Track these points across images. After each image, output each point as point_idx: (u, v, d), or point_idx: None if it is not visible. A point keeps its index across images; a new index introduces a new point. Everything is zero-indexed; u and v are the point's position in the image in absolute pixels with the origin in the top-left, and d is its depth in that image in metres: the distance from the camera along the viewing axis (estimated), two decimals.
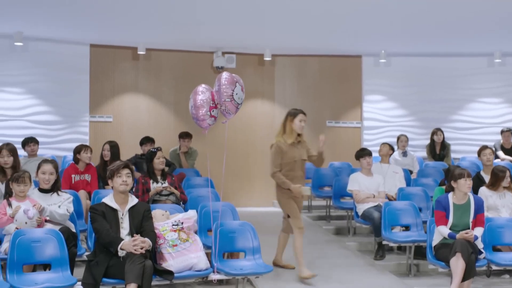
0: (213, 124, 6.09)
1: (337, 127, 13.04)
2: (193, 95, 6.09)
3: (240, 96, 5.99)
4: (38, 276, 5.55)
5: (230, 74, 6.04)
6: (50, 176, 6.35)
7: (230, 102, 5.95)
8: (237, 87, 5.97)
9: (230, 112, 5.99)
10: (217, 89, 5.97)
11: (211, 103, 6.01)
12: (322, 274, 7.18)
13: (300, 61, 12.89)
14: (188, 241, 5.87)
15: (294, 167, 7.22)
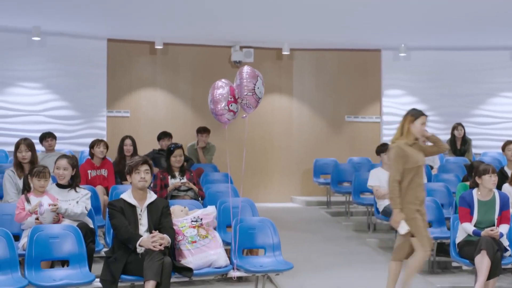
0: (232, 119, 5.99)
1: (356, 122, 12.89)
2: (211, 90, 6.00)
3: (261, 90, 5.89)
4: (56, 273, 5.48)
5: (251, 68, 5.94)
6: (64, 171, 6.27)
7: (252, 96, 5.84)
8: (258, 81, 5.86)
9: (251, 106, 5.88)
10: (238, 83, 5.86)
11: (229, 97, 5.90)
12: (343, 271, 7.09)
13: (319, 55, 12.75)
14: (208, 237, 5.78)
15: (418, 172, 5.98)
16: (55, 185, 6.35)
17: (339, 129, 12.79)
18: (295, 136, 12.66)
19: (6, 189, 6.86)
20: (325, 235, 9.03)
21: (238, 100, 5.89)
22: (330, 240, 8.73)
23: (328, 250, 8.13)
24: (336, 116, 12.76)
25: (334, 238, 8.87)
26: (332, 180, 10.81)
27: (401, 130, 6.09)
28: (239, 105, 5.94)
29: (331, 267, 7.26)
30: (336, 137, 12.77)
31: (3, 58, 10.92)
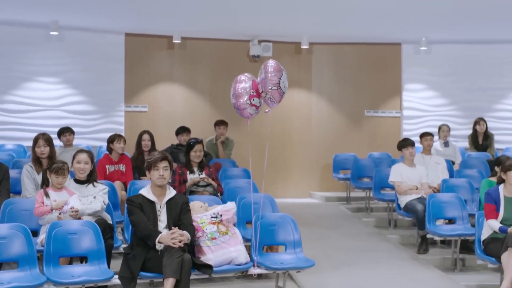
0: (255, 113, 5.86)
1: (376, 117, 12.73)
2: (234, 84, 5.88)
3: (285, 85, 5.77)
4: (75, 269, 5.41)
5: (276, 62, 5.82)
6: (85, 165, 6.23)
7: (276, 91, 5.72)
8: (283, 75, 5.74)
9: (275, 101, 5.76)
10: (263, 76, 5.74)
11: (252, 91, 5.78)
12: (365, 268, 6.96)
13: (338, 49, 12.60)
14: (228, 234, 5.68)
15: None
16: (73, 180, 6.29)
17: (358, 124, 12.64)
18: (314, 131, 12.53)
19: (24, 185, 6.81)
20: (345, 231, 8.90)
21: (262, 95, 5.77)
22: (351, 236, 8.60)
23: (349, 247, 8.01)
24: (356, 110, 12.62)
25: (354, 234, 8.74)
26: (352, 175, 10.68)
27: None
28: (262, 100, 5.82)
29: (352, 264, 7.13)
30: (355, 132, 12.62)
31: (21, 53, 10.90)
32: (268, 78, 5.69)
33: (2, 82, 10.80)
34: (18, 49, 10.87)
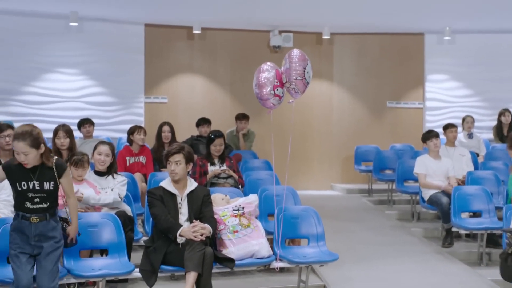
0: (278, 104, 5.75)
1: (398, 108, 12.55)
2: (256, 73, 5.76)
3: (310, 75, 5.64)
4: (95, 262, 5.35)
5: (300, 51, 5.69)
6: (106, 157, 6.18)
7: (301, 81, 5.59)
8: (308, 65, 5.61)
9: (299, 91, 5.63)
10: (287, 66, 5.62)
11: (276, 81, 5.66)
12: (388, 262, 6.84)
13: (360, 40, 12.43)
14: (250, 227, 5.58)
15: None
16: (92, 172, 6.23)
17: (380, 115, 12.48)
18: (335, 122, 12.39)
19: None
20: (368, 224, 8.77)
21: (286, 85, 5.65)
22: (374, 229, 8.47)
23: (372, 240, 7.88)
24: (378, 101, 12.46)
25: (377, 227, 8.61)
26: (374, 167, 10.54)
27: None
28: (286, 90, 5.69)
29: (376, 258, 7.01)
30: (377, 124, 12.46)
31: (41, 44, 10.87)
32: (292, 68, 5.57)
33: (22, 74, 10.78)
34: (38, 40, 10.84)
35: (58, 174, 4.62)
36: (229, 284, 6.13)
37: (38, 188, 4.56)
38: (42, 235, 4.57)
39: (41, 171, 4.56)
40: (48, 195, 4.62)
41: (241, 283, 6.21)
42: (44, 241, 4.58)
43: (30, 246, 4.55)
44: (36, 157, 4.51)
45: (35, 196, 4.56)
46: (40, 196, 4.58)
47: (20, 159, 4.49)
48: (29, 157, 4.47)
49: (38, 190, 4.57)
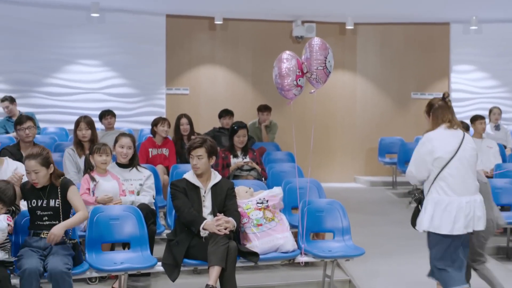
0: (299, 94, 5.62)
1: (423, 99, 12.31)
2: (277, 63, 5.61)
3: (331, 64, 5.50)
4: (117, 256, 5.27)
5: (321, 40, 5.54)
6: (128, 150, 6.09)
7: (322, 70, 5.45)
8: (329, 53, 5.47)
9: (320, 81, 5.50)
10: (308, 56, 5.48)
11: (298, 71, 5.52)
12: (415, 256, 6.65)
13: (384, 30, 12.23)
14: (274, 220, 5.46)
15: None
16: (115, 163, 6.15)
17: (404, 106, 12.29)
18: (358, 113, 12.23)
19: (66, 168, 6.70)
20: (392, 217, 8.62)
21: (306, 75, 5.51)
22: (398, 223, 8.27)
23: (397, 234, 7.72)
24: (402, 93, 12.28)
25: (402, 220, 8.34)
26: (398, 159, 10.38)
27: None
28: (307, 80, 5.56)
29: (402, 253, 6.86)
30: (401, 115, 12.28)
31: (62, 35, 10.83)
32: (313, 57, 5.42)
33: (43, 65, 10.76)
34: (59, 31, 10.81)
35: (63, 191, 4.86)
36: (253, 278, 6.02)
37: (45, 205, 4.83)
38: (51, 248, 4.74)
39: (50, 190, 4.86)
40: (55, 213, 4.85)
41: (265, 278, 6.10)
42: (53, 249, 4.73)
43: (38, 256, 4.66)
44: (46, 176, 4.82)
45: (43, 214, 4.83)
46: (48, 214, 4.83)
47: (31, 178, 4.79)
48: (39, 175, 4.78)
49: (45, 207, 4.83)
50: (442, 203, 4.78)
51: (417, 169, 4.90)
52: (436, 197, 4.81)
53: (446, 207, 4.76)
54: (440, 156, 4.81)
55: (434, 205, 4.81)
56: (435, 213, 4.80)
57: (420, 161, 4.87)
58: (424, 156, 4.86)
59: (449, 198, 4.77)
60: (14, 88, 10.47)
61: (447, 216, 4.75)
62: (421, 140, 5.05)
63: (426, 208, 4.85)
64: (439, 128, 5.01)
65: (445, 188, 4.78)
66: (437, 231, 4.82)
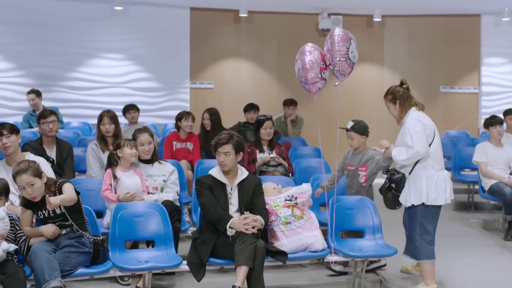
0: (323, 87, 5.40)
1: (452, 93, 12.07)
2: (300, 56, 5.38)
3: (355, 55, 5.26)
4: (141, 254, 5.11)
5: (343, 30, 5.30)
6: (149, 145, 5.94)
7: (345, 62, 5.22)
8: (352, 44, 5.23)
9: (344, 73, 5.27)
10: (329, 47, 5.25)
11: (322, 64, 5.30)
12: (448, 255, 6.42)
13: (412, 22, 11.96)
14: (303, 218, 5.26)
15: None
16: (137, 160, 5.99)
17: (433, 100, 12.01)
18: (386, 108, 11.90)
19: (89, 163, 6.59)
20: None
21: (330, 67, 5.29)
22: None
23: None
24: (430, 86, 12.00)
25: None
26: None
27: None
28: (330, 72, 5.34)
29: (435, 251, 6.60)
30: (430, 109, 11.72)
31: (85, 28, 10.74)
32: (335, 48, 5.19)
33: (67, 59, 10.68)
34: (83, 25, 10.72)
35: (60, 191, 4.71)
36: (280, 278, 5.83)
37: (53, 214, 4.72)
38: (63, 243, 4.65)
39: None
40: (64, 218, 4.73)
41: (293, 277, 5.89)
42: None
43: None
44: (42, 187, 4.65)
45: (54, 222, 4.73)
46: (58, 220, 4.73)
47: (28, 193, 4.62)
48: (35, 187, 4.61)
49: (53, 216, 4.73)
50: (434, 177, 5.18)
51: (423, 147, 5.15)
52: (428, 172, 5.18)
53: (437, 181, 5.18)
54: (428, 134, 5.24)
55: (427, 180, 5.17)
56: (430, 187, 5.17)
57: (423, 138, 5.17)
58: (423, 133, 5.21)
59: (437, 172, 5.21)
60: (37, 82, 10.40)
61: (440, 188, 5.18)
62: (409, 122, 5.29)
63: (421, 183, 5.18)
64: (412, 110, 5.40)
65: (433, 164, 5.20)
66: (434, 203, 5.21)
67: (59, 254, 4.52)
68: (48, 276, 4.28)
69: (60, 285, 4.32)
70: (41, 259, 4.34)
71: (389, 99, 5.52)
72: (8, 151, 5.62)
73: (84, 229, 4.82)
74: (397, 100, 5.42)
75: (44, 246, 4.46)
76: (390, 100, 5.51)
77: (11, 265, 4.39)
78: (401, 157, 5.23)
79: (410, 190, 5.22)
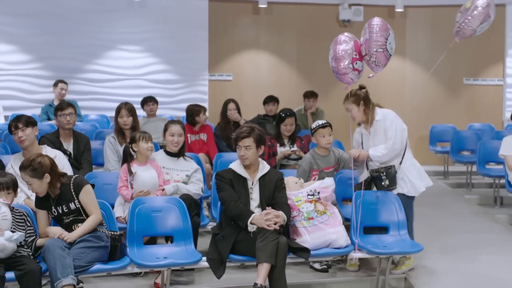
0: (356, 79, 5.23)
1: (476, 85, 11.80)
2: (333, 45, 5.24)
3: (392, 46, 5.11)
4: (160, 250, 5.00)
5: (382, 20, 5.15)
6: (179, 138, 5.81)
7: (382, 53, 5.07)
8: (390, 35, 5.08)
9: (380, 65, 5.11)
10: (367, 37, 5.09)
11: (354, 54, 5.14)
12: (475, 252, 6.25)
13: (435, 12, 11.70)
14: (326, 213, 5.10)
15: None
16: (163, 152, 5.86)
17: (456, 92, 11.76)
18: (408, 100, 11.74)
19: (107, 157, 6.49)
20: (447, 209, 8.18)
21: (365, 58, 5.13)
22: (454, 215, 7.87)
23: (454, 227, 7.29)
24: (454, 78, 11.75)
25: (458, 213, 8.00)
26: (451, 148, 9.89)
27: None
28: (366, 63, 5.17)
29: (460, 248, 6.41)
30: (453, 102, 11.76)
31: (103, 20, 10.62)
32: (373, 38, 5.03)
33: (84, 51, 10.57)
34: (100, 16, 10.60)
35: (76, 192, 4.62)
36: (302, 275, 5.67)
37: (67, 210, 4.64)
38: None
39: (60, 196, 4.64)
40: (79, 213, 4.67)
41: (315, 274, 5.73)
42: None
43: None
44: (41, 187, 4.57)
45: (68, 217, 4.66)
46: (73, 216, 4.66)
47: (31, 188, 4.62)
48: (33, 186, 4.57)
49: (67, 212, 4.65)
50: (416, 165, 5.73)
51: (402, 143, 5.57)
52: (413, 161, 5.71)
53: (419, 168, 5.73)
54: (405, 128, 5.66)
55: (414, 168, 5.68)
56: (421, 173, 5.70)
57: (403, 134, 5.58)
58: (403, 129, 5.60)
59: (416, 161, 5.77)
60: (55, 74, 10.31)
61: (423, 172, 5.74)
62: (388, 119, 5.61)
63: (412, 173, 5.61)
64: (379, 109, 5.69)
65: (410, 154, 5.70)
66: (429, 185, 5.72)
67: (74, 250, 4.42)
68: (60, 274, 4.17)
69: (72, 283, 4.20)
70: (54, 255, 4.24)
71: (352, 101, 5.59)
72: (23, 144, 5.53)
73: (100, 223, 4.72)
74: (361, 101, 5.55)
75: (57, 242, 4.35)
76: (353, 101, 5.59)
77: (27, 261, 4.29)
78: (379, 153, 5.50)
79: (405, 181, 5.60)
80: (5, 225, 4.38)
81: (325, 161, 5.95)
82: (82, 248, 4.44)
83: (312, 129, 6.00)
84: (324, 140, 5.94)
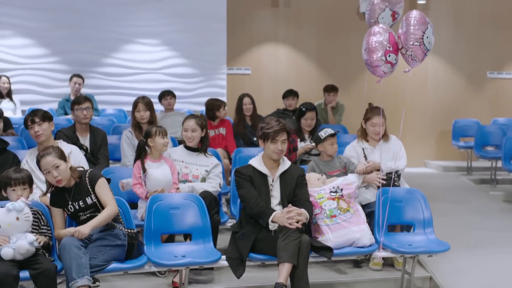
0: (390, 72, 5.04)
1: (500, 79, 11.57)
2: (366, 36, 5.03)
3: (430, 41, 4.88)
4: (178, 248, 4.85)
5: (420, 13, 4.94)
6: (193, 133, 5.66)
7: (419, 47, 4.86)
8: (428, 28, 4.86)
9: (416, 59, 4.91)
10: (404, 30, 4.90)
11: (388, 46, 4.94)
12: (503, 251, 6.05)
13: (458, 3, 11.47)
14: (349, 211, 4.93)
15: None
16: (183, 147, 5.72)
17: (480, 86, 11.53)
18: (430, 94, 11.52)
19: (124, 151, 6.36)
20: (472, 206, 7.98)
21: (401, 51, 4.94)
22: (480, 212, 7.67)
23: (480, 225, 7.09)
24: (477, 72, 11.52)
25: (483, 210, 7.80)
26: (475, 143, 9.67)
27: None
28: (402, 57, 4.98)
29: (487, 246, 6.22)
30: (476, 96, 11.52)
31: (120, 13, 10.50)
32: (409, 31, 4.83)
33: (101, 45, 10.46)
34: (117, 10, 10.48)
35: (92, 186, 4.52)
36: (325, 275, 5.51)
37: (83, 205, 4.54)
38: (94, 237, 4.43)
39: (79, 189, 4.56)
40: (96, 208, 4.56)
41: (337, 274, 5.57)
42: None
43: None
44: (67, 170, 4.49)
45: (84, 213, 4.55)
46: (89, 212, 4.55)
47: (53, 176, 4.45)
48: (61, 169, 4.46)
49: (83, 207, 4.54)
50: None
51: None
52: None
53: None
54: None
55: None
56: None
57: None
58: None
59: None
60: (71, 68, 10.21)
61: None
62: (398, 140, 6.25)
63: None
64: None
65: None
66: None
67: (91, 249, 4.29)
68: (75, 274, 4.04)
69: (88, 284, 4.06)
70: (70, 255, 4.10)
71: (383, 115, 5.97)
72: (40, 139, 5.42)
73: (117, 220, 4.60)
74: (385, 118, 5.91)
75: (74, 241, 4.21)
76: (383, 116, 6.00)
77: (42, 260, 4.16)
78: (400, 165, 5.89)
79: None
80: (26, 227, 4.26)
81: (328, 165, 5.69)
82: (99, 247, 4.32)
83: (321, 138, 5.75)
84: (333, 148, 5.72)
